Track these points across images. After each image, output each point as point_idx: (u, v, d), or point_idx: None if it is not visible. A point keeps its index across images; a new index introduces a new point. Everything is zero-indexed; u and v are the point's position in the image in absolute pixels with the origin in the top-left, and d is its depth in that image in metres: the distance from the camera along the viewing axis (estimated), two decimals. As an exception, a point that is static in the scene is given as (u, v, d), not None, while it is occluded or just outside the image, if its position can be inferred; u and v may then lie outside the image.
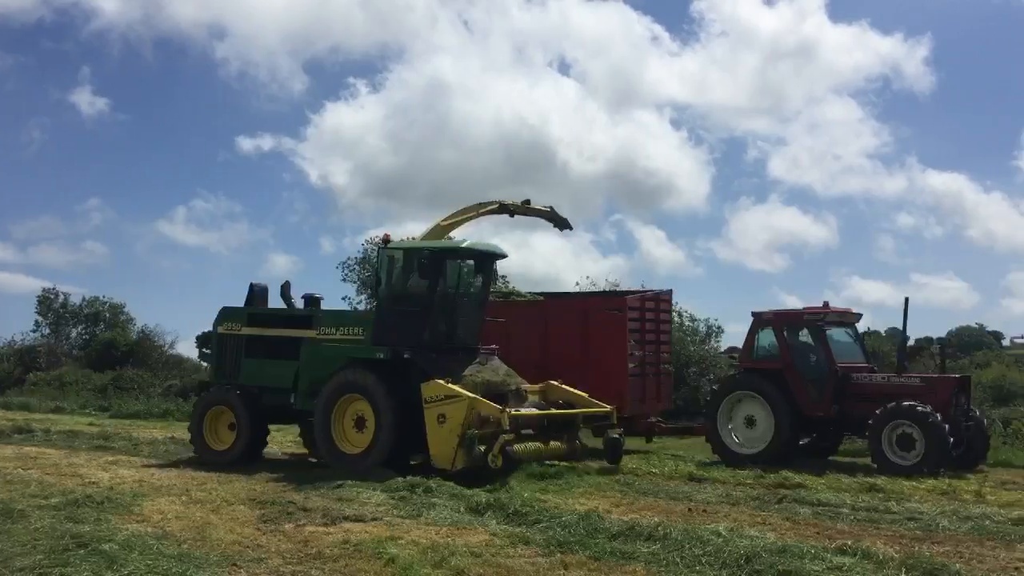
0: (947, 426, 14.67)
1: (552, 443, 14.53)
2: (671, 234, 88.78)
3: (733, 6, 77.77)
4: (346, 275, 35.28)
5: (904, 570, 7.46)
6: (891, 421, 14.88)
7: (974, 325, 65.85)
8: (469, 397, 13.30)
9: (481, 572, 7.71)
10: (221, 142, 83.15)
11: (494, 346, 15.81)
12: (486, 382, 14.51)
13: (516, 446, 13.42)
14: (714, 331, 31.10)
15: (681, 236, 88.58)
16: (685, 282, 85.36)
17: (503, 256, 15.95)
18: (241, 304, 16.98)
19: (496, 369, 15.21)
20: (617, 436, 14.95)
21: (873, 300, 76.45)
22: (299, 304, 16.99)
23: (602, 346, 18.15)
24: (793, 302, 50.15)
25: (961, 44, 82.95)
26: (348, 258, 36.50)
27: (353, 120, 76.74)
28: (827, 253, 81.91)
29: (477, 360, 15.10)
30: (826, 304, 16.83)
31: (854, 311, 17.37)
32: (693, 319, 30.71)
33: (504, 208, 18.40)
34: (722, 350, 29.38)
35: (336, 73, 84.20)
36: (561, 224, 19.53)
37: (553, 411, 14.89)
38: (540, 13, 79.76)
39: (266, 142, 77.91)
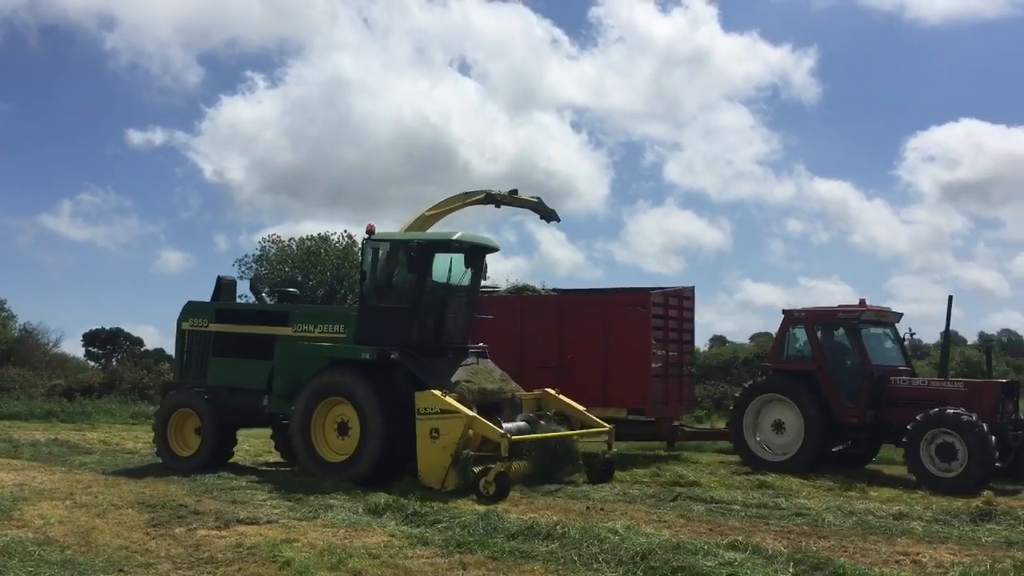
0: (993, 436, 13.40)
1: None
2: (571, 236, 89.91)
3: (630, 13, 79.20)
4: (243, 273, 34.52)
5: (792, 564, 7.68)
6: (931, 429, 13.62)
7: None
8: (467, 415, 12.26)
9: (379, 574, 7.64)
10: (110, 135, 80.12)
11: (482, 344, 14.94)
12: (481, 390, 13.53)
13: (512, 468, 12.40)
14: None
15: (581, 238, 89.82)
16: (584, 283, 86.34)
17: (496, 249, 14.79)
18: (207, 299, 15.95)
19: (490, 373, 14.22)
20: (611, 458, 14.05)
21: (764, 303, 78.82)
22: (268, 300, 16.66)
23: (624, 345, 16.64)
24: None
25: (845, 56, 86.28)
26: (245, 255, 35.69)
27: (250, 115, 75.18)
28: (721, 256, 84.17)
29: (468, 362, 14.20)
30: (863, 302, 15.91)
31: (893, 310, 16.35)
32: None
33: (491, 198, 17.27)
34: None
35: (233, 66, 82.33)
36: (548, 215, 18.26)
37: (552, 434, 13.60)
38: (441, 13, 79.84)
39: (158, 136, 75.43)
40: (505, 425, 13.06)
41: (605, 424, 14.26)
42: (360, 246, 13.99)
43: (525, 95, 78.10)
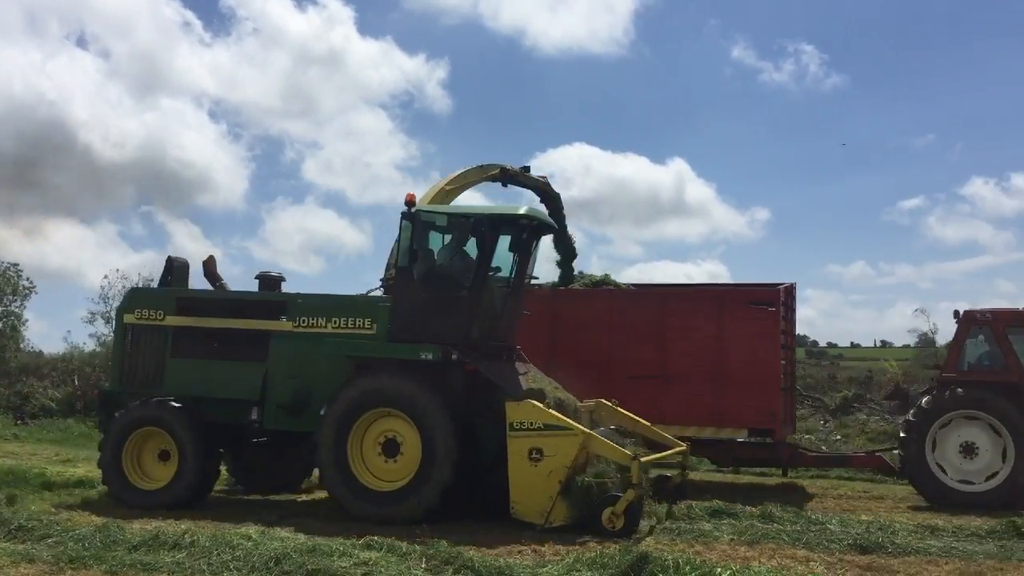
0: None
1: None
2: (207, 231, 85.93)
3: (263, 5, 77.87)
4: None
5: (425, 560, 7.90)
6: None
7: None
8: (583, 432, 10.08)
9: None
10: None
11: (518, 346, 12.37)
12: (558, 401, 11.15)
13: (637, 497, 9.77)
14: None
15: (217, 233, 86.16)
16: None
17: (556, 230, 12.33)
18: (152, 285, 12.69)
19: (547, 380, 11.78)
20: (685, 483, 11.76)
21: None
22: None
23: (747, 352, 13.89)
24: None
25: (474, 73, 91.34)
26: None
27: None
28: (362, 258, 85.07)
29: (521, 368, 11.86)
30: None
31: None
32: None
33: (504, 173, 14.72)
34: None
35: None
36: (553, 199, 15.45)
37: (665, 453, 11.47)
38: (56, -21, 72.91)
39: None
40: None
41: (679, 442, 12.09)
42: (401, 221, 11.11)
43: (153, 78, 73.37)
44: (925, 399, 13.46)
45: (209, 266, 13.03)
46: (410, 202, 11.14)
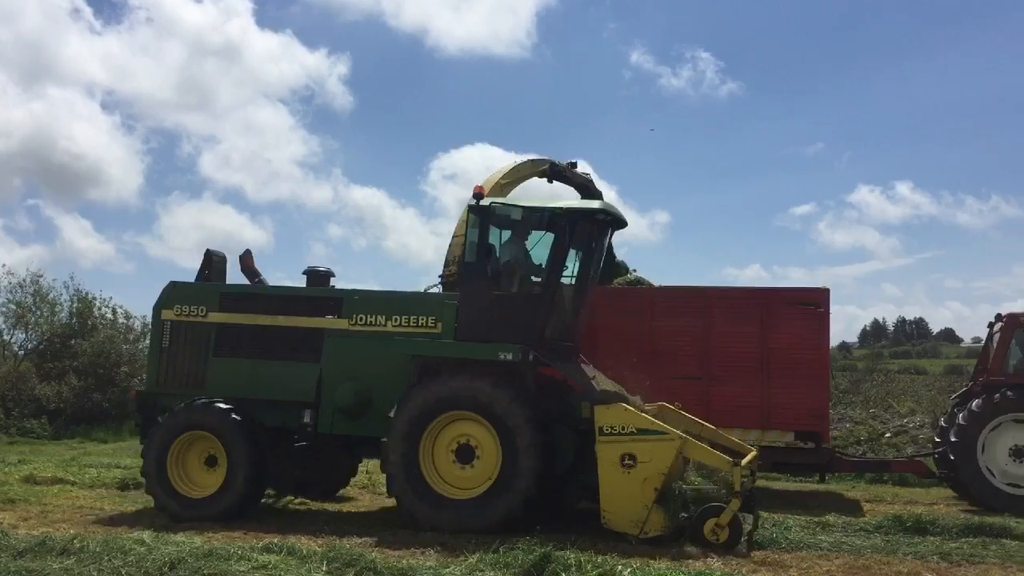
0: None
1: None
2: (98, 225, 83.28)
3: (159, -8, 75.47)
4: None
5: (326, 562, 7.79)
6: None
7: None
8: (679, 437, 9.64)
9: None
10: None
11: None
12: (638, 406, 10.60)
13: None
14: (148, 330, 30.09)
15: (109, 228, 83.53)
16: (115, 277, 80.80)
17: (626, 225, 11.75)
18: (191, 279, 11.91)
19: (611, 383, 11.18)
20: (754, 492, 10.25)
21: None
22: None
23: (794, 352, 13.77)
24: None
25: (376, 70, 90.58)
26: None
27: None
28: (262, 256, 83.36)
29: (589, 370, 11.27)
30: None
31: None
32: (128, 316, 29.41)
33: (553, 168, 14.39)
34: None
35: None
36: (596, 196, 15.12)
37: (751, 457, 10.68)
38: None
39: None
40: None
41: (749, 447, 11.44)
42: (471, 214, 10.65)
43: (40, 66, 70.75)
44: (976, 403, 13.46)
45: (246, 261, 12.34)
46: (479, 195, 10.68)
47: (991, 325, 14.50)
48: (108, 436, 24.36)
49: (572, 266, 10.95)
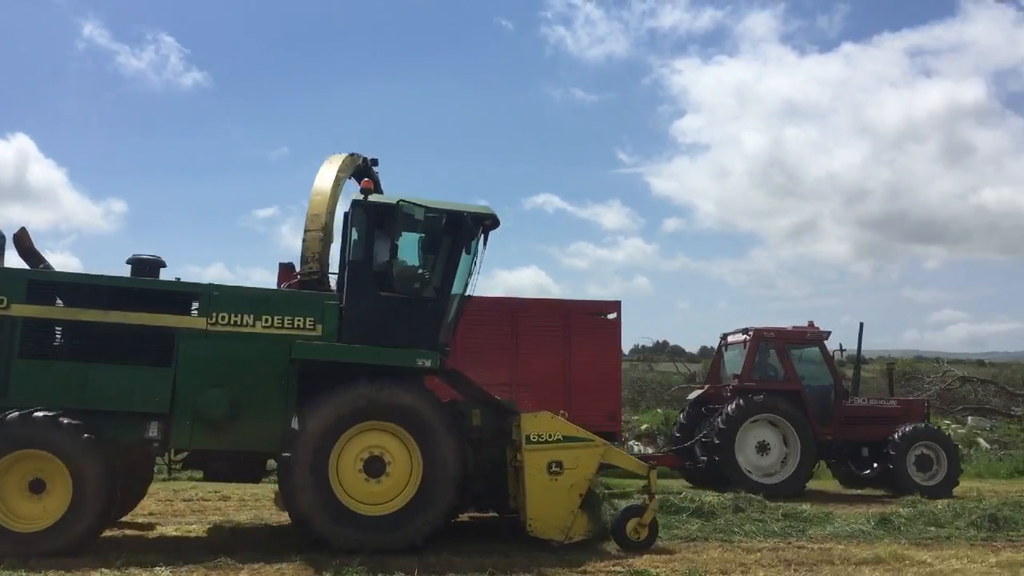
0: None
1: None
2: None
3: None
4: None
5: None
6: (916, 442, 15.65)
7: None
8: (603, 443, 9.91)
9: None
10: None
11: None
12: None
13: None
14: None
15: None
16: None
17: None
18: None
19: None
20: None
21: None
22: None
23: (592, 359, 15.44)
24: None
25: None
26: None
27: None
28: None
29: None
30: (811, 324, 16.79)
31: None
32: None
33: (367, 163, 12.34)
34: None
35: None
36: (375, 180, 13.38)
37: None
38: None
39: None
40: None
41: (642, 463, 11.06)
42: (355, 212, 9.94)
43: None
44: (731, 406, 15.80)
45: (24, 240, 10.02)
46: (368, 190, 10.06)
47: (723, 338, 17.42)
48: None
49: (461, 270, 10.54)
